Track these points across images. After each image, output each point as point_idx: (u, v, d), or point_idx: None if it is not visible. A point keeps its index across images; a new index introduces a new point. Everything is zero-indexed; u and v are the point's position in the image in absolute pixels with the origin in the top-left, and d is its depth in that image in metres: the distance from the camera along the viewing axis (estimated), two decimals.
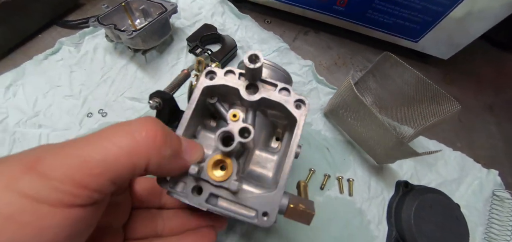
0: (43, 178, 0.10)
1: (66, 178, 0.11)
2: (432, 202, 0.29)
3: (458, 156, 0.35)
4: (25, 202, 0.10)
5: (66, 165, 0.11)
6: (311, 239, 0.28)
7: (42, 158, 0.11)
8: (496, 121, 0.38)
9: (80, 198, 0.11)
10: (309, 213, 0.16)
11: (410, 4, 0.33)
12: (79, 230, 0.12)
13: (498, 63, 0.44)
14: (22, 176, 0.10)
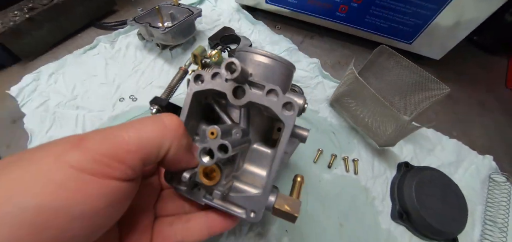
0: (86, 152, 0.12)
1: (106, 153, 0.12)
2: (431, 178, 0.32)
3: (454, 143, 0.38)
4: (72, 172, 0.11)
5: (106, 142, 0.13)
6: (322, 212, 0.31)
7: (85, 137, 0.12)
8: (488, 114, 0.42)
9: (117, 171, 0.12)
10: (292, 215, 0.17)
11: (402, 9, 0.38)
12: (116, 201, 0.13)
13: (487, 65, 0.48)
14: (69, 151, 0.12)
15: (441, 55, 0.42)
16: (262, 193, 0.17)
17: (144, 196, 0.18)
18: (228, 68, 0.15)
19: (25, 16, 0.35)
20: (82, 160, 0.12)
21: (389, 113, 0.30)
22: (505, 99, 0.44)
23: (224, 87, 0.18)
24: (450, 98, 0.42)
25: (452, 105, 0.42)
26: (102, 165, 0.12)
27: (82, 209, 0.11)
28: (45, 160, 0.11)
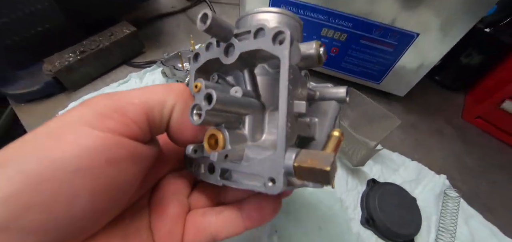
0: (91, 107, 0.12)
1: (109, 105, 0.12)
2: (391, 191, 0.40)
3: (415, 164, 0.46)
4: (74, 126, 0.11)
5: (111, 97, 0.13)
6: (305, 217, 0.38)
7: (95, 97, 0.13)
8: (446, 140, 0.50)
9: (118, 123, 0.12)
10: (320, 170, 0.12)
11: (369, 57, 0.49)
12: (118, 159, 0.12)
13: (447, 100, 0.58)
14: (76, 109, 0.12)
15: (405, 92, 0.52)
16: (276, 151, 0.13)
17: (176, 184, 0.18)
18: (201, 20, 0.14)
19: (77, 58, 0.45)
20: (85, 114, 0.12)
21: (359, 140, 0.39)
22: (461, 129, 0.53)
23: (217, 53, 0.16)
24: (413, 126, 0.51)
25: (415, 133, 0.51)
26: (102, 117, 0.12)
27: (79, 163, 0.10)
28: (54, 122, 0.12)
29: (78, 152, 0.11)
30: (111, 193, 0.12)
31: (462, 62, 0.55)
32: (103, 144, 0.11)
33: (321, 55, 0.16)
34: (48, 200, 0.10)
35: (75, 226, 0.11)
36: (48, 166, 0.10)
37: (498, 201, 0.44)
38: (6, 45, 0.40)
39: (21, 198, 0.09)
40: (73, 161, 0.10)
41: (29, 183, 0.09)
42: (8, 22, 0.39)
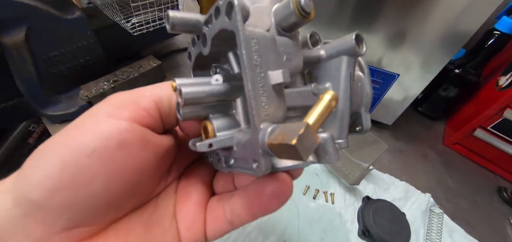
0: (109, 101, 0.13)
1: (124, 99, 0.13)
2: (384, 207, 0.45)
3: (403, 184, 0.52)
4: (92, 116, 0.12)
5: (127, 93, 0.14)
6: (309, 230, 0.43)
7: (112, 95, 0.14)
8: (429, 164, 0.57)
9: (130, 111, 0.13)
10: (287, 145, 0.10)
11: None
12: (129, 142, 0.12)
13: (429, 128, 0.66)
14: (99, 105, 0.13)
15: (392, 121, 0.60)
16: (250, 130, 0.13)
17: (199, 172, 0.19)
18: (166, 22, 0.14)
19: (111, 86, 0.52)
20: (104, 106, 0.13)
21: (354, 162, 0.46)
22: (442, 153, 0.60)
23: (199, 46, 0.16)
24: (401, 151, 0.58)
25: (402, 157, 0.58)
26: (117, 108, 0.13)
27: (94, 146, 0.11)
28: (81, 116, 0.13)
29: (94, 137, 0.12)
30: (125, 175, 0.13)
31: (441, 95, 0.64)
32: (116, 129, 0.12)
33: (303, 6, 0.14)
34: (72, 181, 0.11)
35: (98, 206, 0.12)
36: (70, 152, 0.11)
37: (477, 217, 0.50)
38: (53, 74, 0.47)
39: (51, 181, 0.11)
40: (89, 146, 0.11)
41: (57, 168, 0.11)
42: (58, 55, 0.47)
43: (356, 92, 0.18)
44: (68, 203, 0.11)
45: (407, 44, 0.48)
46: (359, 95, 0.19)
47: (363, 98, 0.19)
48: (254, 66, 0.13)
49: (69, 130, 0.12)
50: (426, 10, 0.43)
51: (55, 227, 0.12)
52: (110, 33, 0.54)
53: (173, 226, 0.16)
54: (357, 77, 0.19)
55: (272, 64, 0.14)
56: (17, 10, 0.38)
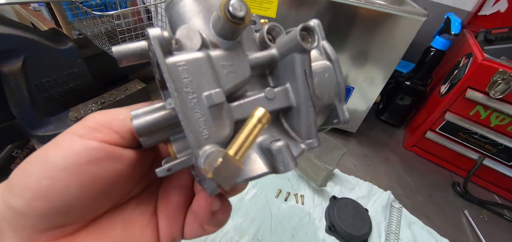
0: (85, 122, 0.14)
1: (98, 121, 0.14)
2: (347, 204, 0.50)
3: (367, 184, 0.58)
4: (67, 135, 0.14)
5: (102, 115, 0.15)
6: (280, 229, 0.47)
7: (88, 116, 0.15)
8: (391, 165, 0.64)
9: (102, 133, 0.14)
10: (207, 178, 0.11)
11: None
12: (99, 160, 0.14)
13: (391, 134, 0.73)
14: (76, 126, 0.14)
15: (356, 128, 0.67)
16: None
17: (182, 176, 0.19)
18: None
19: (99, 107, 0.57)
20: (79, 128, 0.14)
21: (320, 166, 0.51)
22: (402, 156, 0.67)
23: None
24: (365, 155, 0.65)
25: (366, 160, 0.64)
26: (91, 130, 0.14)
27: (66, 163, 0.13)
28: (60, 135, 0.14)
29: (66, 154, 0.13)
30: (97, 185, 0.14)
31: (398, 104, 0.72)
32: (86, 147, 0.13)
33: (232, 13, 0.13)
34: (48, 192, 0.13)
35: (74, 211, 0.14)
36: (46, 167, 0.13)
37: (433, 209, 0.56)
38: (44, 97, 0.52)
39: (30, 192, 0.12)
40: (62, 162, 0.13)
41: (35, 181, 0.12)
42: (50, 80, 0.52)
43: (324, 84, 0.17)
44: (46, 210, 0.13)
45: (371, 59, 0.54)
46: (328, 87, 0.17)
47: (334, 89, 0.18)
48: (185, 94, 0.13)
49: (48, 147, 0.13)
50: (385, 33, 0.50)
51: (38, 228, 0.13)
52: (98, 60, 0.60)
53: (153, 222, 0.17)
54: (323, 68, 0.17)
55: (208, 84, 0.13)
56: (17, 43, 0.44)
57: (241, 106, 0.15)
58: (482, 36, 0.60)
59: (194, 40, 0.14)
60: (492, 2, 0.70)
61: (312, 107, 0.16)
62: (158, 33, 0.12)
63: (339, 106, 0.18)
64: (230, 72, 0.15)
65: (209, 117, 0.13)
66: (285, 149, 0.14)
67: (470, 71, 0.52)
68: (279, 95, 0.17)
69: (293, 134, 0.17)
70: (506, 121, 0.53)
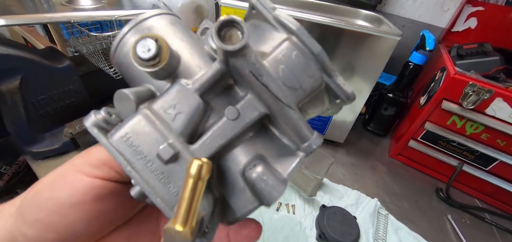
0: (87, 157, 0.15)
1: (100, 158, 0.15)
2: (336, 212, 0.53)
3: (355, 192, 0.60)
4: (71, 171, 0.15)
5: (101, 153, 0.15)
6: (272, 238, 0.49)
7: (89, 150, 0.15)
8: (377, 174, 0.67)
9: (103, 172, 0.15)
10: None
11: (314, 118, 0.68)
12: (102, 196, 0.15)
13: (377, 143, 0.77)
14: (79, 157, 0.15)
15: (343, 139, 0.70)
16: None
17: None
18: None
19: None
20: (82, 163, 0.15)
21: (309, 176, 0.54)
22: (388, 164, 0.70)
23: None
24: (353, 165, 0.68)
25: (354, 169, 0.67)
26: (94, 168, 0.15)
27: (73, 201, 0.14)
28: (64, 165, 0.15)
29: (73, 193, 0.14)
30: (102, 218, 0.15)
31: (383, 114, 0.76)
32: (91, 186, 0.14)
33: (139, 55, 0.12)
34: (57, 226, 0.14)
35: (81, 239, 0.15)
36: (55, 204, 0.14)
37: (419, 215, 0.58)
38: (40, 114, 0.53)
39: (42, 224, 0.14)
40: (69, 200, 0.14)
41: (46, 215, 0.14)
42: (46, 98, 0.53)
43: (295, 68, 0.14)
44: (55, 240, 0.14)
45: (356, 73, 0.58)
46: (302, 68, 0.14)
47: (311, 67, 0.14)
48: (139, 162, 0.13)
49: (55, 181, 0.15)
50: (368, 49, 0.54)
51: None
52: (94, 77, 0.62)
53: (156, 237, 0.19)
54: (285, 49, 0.14)
55: (157, 141, 0.13)
56: (16, 62, 0.46)
57: (205, 142, 0.14)
58: (455, 51, 0.65)
59: (127, 103, 0.14)
60: (463, 20, 0.76)
61: (286, 108, 0.14)
62: (93, 120, 0.13)
63: (332, 82, 0.14)
64: (177, 114, 0.14)
65: (170, 173, 0.13)
66: (263, 176, 0.12)
67: (444, 84, 0.56)
68: (245, 109, 0.14)
69: (286, 141, 0.15)
70: (479, 129, 0.57)
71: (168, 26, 0.17)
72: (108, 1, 0.59)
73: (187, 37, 0.17)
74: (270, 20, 0.15)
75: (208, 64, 0.16)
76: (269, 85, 0.13)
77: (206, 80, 0.14)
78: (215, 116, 0.15)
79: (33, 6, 0.54)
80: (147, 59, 0.12)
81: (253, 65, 0.13)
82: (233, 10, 0.49)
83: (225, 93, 0.15)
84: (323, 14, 0.72)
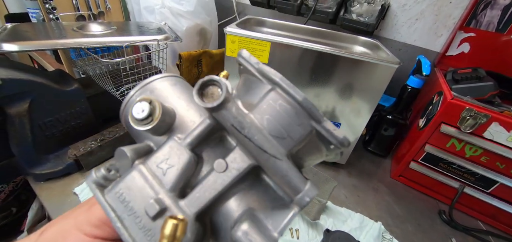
0: (89, 216, 0.16)
1: (101, 218, 0.16)
2: (340, 237, 0.52)
3: (358, 216, 0.60)
4: (74, 231, 0.16)
5: (102, 214, 0.16)
6: None
7: (92, 209, 0.16)
8: (380, 196, 0.67)
9: (105, 232, 0.16)
10: None
11: None
12: None
13: (378, 164, 0.77)
14: (81, 214, 0.16)
15: (345, 160, 0.71)
16: None
17: None
18: None
19: (98, 144, 0.58)
20: (83, 221, 0.16)
21: (313, 200, 0.54)
22: (390, 185, 0.70)
23: None
24: (355, 187, 0.68)
25: (357, 191, 0.67)
26: (94, 227, 0.16)
27: None
28: (66, 220, 0.16)
29: None
30: None
31: (383, 134, 0.77)
32: None
33: (134, 116, 0.13)
34: None
35: None
36: None
37: (422, 238, 0.58)
38: (46, 136, 0.54)
39: None
40: None
41: None
42: (53, 120, 0.54)
43: (280, 118, 0.14)
44: None
45: (355, 94, 0.59)
46: (287, 118, 0.14)
47: (297, 116, 0.14)
48: (130, 219, 0.13)
49: (57, 241, 0.16)
50: (366, 74, 0.56)
51: None
52: (100, 99, 0.63)
53: None
54: (270, 99, 0.14)
55: (147, 196, 0.13)
56: (27, 86, 0.47)
57: (195, 196, 0.14)
58: (450, 75, 0.67)
59: (124, 160, 0.14)
60: (457, 44, 0.80)
61: (272, 159, 0.14)
62: (93, 178, 0.14)
63: (321, 128, 0.14)
64: (169, 168, 0.14)
65: (157, 230, 0.13)
66: (248, 236, 0.12)
67: (441, 109, 0.58)
68: (233, 161, 0.14)
69: (281, 192, 0.15)
70: (478, 152, 0.58)
71: (169, 87, 0.19)
72: (117, 26, 0.62)
73: (185, 95, 0.19)
74: (255, 74, 0.15)
75: (202, 118, 0.16)
76: (252, 137, 0.14)
77: (197, 135, 0.15)
78: (207, 169, 0.15)
79: (45, 31, 0.56)
80: (141, 119, 0.13)
81: (234, 119, 0.14)
82: (238, 38, 0.51)
83: (219, 145, 0.16)
84: (322, 40, 0.75)
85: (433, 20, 0.80)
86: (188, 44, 0.89)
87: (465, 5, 0.74)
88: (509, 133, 0.53)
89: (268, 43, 0.52)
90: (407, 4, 0.81)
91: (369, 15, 0.72)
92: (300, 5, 0.77)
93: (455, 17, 0.77)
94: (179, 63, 0.81)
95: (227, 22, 1.11)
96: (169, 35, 0.57)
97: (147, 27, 0.67)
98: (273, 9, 0.84)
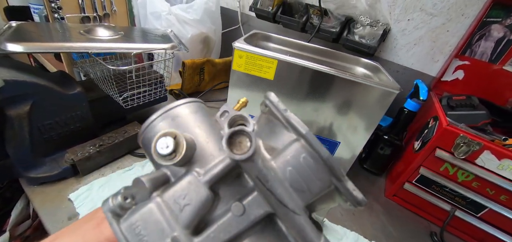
0: (99, 234, 0.17)
1: (110, 237, 0.16)
2: None
3: (353, 234, 0.61)
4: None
5: (110, 234, 0.16)
6: None
7: (99, 227, 0.17)
8: (375, 214, 0.68)
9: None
10: None
11: None
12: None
13: (373, 182, 0.79)
14: (91, 230, 0.17)
15: None
16: None
17: None
18: None
19: (97, 149, 0.58)
20: (92, 239, 0.17)
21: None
22: (384, 204, 0.72)
23: None
24: None
25: (352, 209, 0.68)
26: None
27: None
28: (74, 236, 0.17)
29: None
30: None
31: (379, 153, 0.79)
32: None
33: (158, 151, 0.14)
34: None
35: None
36: None
37: None
38: (44, 139, 0.53)
39: None
40: None
41: None
42: (52, 123, 0.53)
43: (303, 171, 0.14)
44: None
45: (352, 110, 0.60)
46: (310, 172, 0.14)
47: (318, 171, 0.14)
48: None
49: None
50: (369, 96, 0.57)
51: None
52: (102, 103, 0.62)
53: None
54: (294, 151, 0.14)
55: (163, 232, 0.13)
56: (29, 88, 0.46)
57: (209, 237, 0.14)
58: (445, 101, 0.70)
59: (142, 190, 0.15)
60: (452, 71, 0.83)
61: (291, 213, 0.14)
62: (110, 206, 0.14)
63: (341, 186, 0.14)
64: (185, 205, 0.14)
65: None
66: None
67: (437, 134, 0.60)
68: (251, 206, 0.14)
69: (292, 240, 0.15)
70: (470, 177, 0.60)
71: (190, 116, 0.19)
72: (124, 31, 0.62)
73: (205, 125, 0.19)
74: (281, 120, 0.16)
75: (221, 153, 0.17)
76: (275, 190, 0.14)
77: (216, 174, 0.15)
78: (222, 207, 0.15)
79: (49, 32, 0.56)
80: (165, 155, 0.14)
81: (260, 171, 0.14)
82: (245, 53, 0.52)
83: (235, 182, 0.16)
84: (327, 59, 0.77)
85: (430, 46, 0.83)
86: (192, 52, 0.90)
87: (461, 34, 0.78)
88: (500, 161, 0.55)
89: (275, 61, 0.53)
90: (406, 29, 0.84)
91: (371, 38, 0.74)
92: (305, 23, 0.79)
93: (451, 45, 0.80)
94: (182, 70, 0.81)
95: (230, 32, 1.12)
96: (176, 44, 0.58)
97: (153, 33, 0.67)
98: (277, 23, 0.86)
